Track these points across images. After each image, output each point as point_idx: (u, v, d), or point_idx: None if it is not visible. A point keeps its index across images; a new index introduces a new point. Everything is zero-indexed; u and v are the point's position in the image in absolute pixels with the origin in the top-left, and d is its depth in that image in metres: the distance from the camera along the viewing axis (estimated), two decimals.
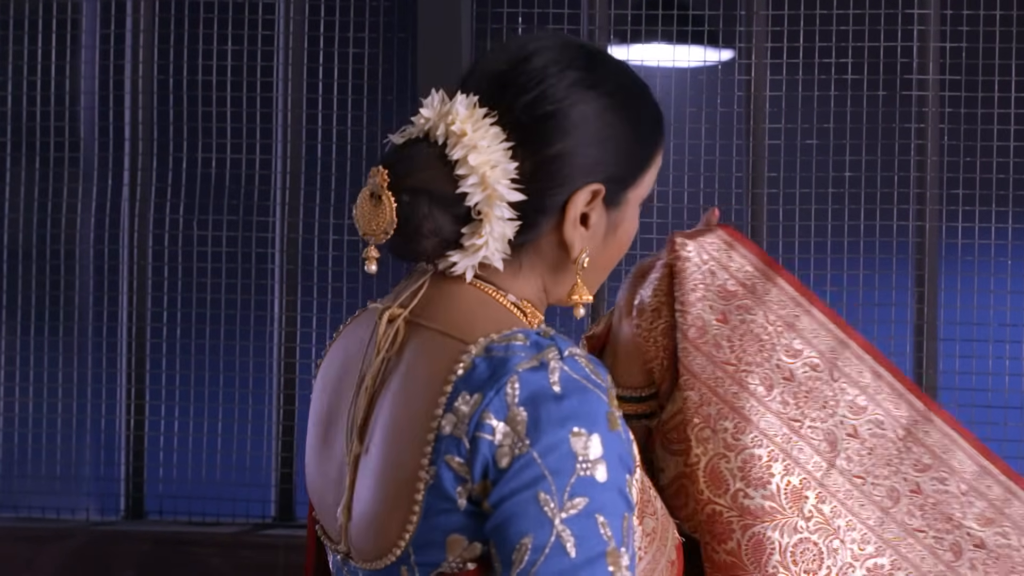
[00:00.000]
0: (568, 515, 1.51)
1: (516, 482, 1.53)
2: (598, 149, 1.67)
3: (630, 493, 1.56)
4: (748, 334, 1.75)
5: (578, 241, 1.67)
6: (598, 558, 1.51)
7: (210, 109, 3.16)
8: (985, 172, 3.01)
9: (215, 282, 3.15)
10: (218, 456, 3.15)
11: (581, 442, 1.52)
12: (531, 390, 1.54)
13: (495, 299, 1.67)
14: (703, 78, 3.10)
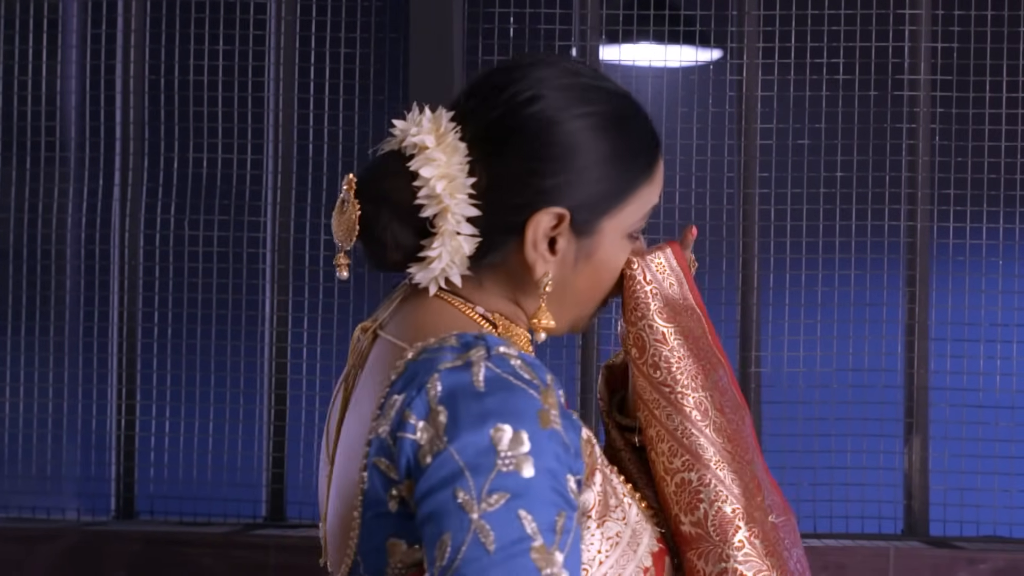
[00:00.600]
0: (486, 511, 1.50)
1: (435, 479, 1.53)
2: (564, 174, 1.66)
3: (573, 493, 1.55)
4: (685, 357, 1.73)
5: (540, 265, 1.67)
6: (520, 554, 1.49)
7: (201, 109, 3.16)
8: (976, 172, 3.02)
9: (206, 282, 3.16)
10: (209, 456, 3.15)
11: (503, 438, 1.52)
12: (451, 388, 1.54)
13: (460, 311, 1.69)
14: (694, 78, 3.12)
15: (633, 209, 1.70)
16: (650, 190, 1.71)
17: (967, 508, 2.99)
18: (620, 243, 1.71)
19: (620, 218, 1.69)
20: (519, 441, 1.52)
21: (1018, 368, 2.99)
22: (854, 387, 3.01)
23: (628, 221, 1.70)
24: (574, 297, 1.72)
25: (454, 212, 1.64)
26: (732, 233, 3.05)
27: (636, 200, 1.70)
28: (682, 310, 1.74)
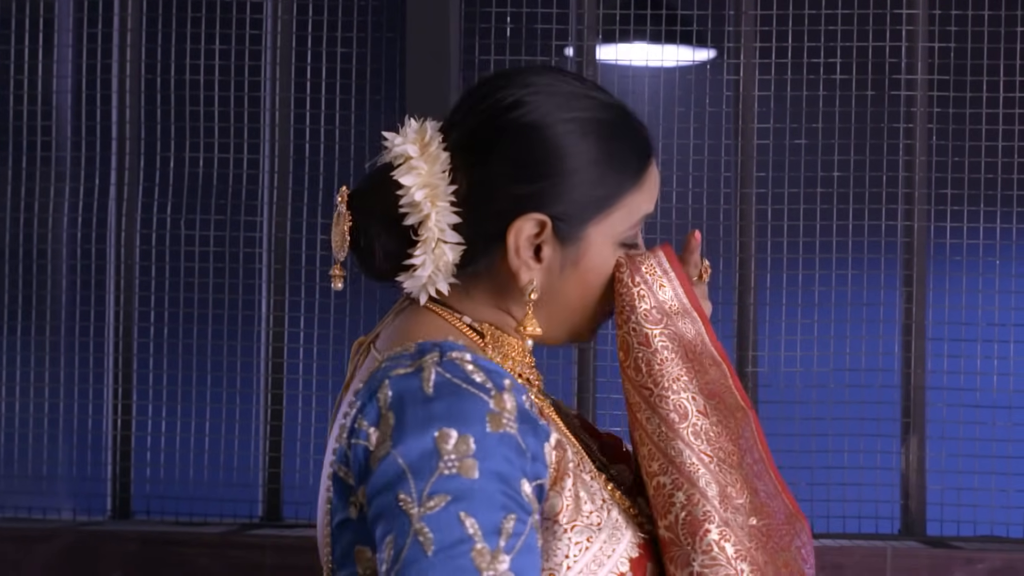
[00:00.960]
0: (426, 513, 1.52)
1: (380, 482, 1.55)
2: (546, 180, 1.67)
3: (528, 496, 1.56)
4: (668, 360, 1.72)
5: (524, 272, 1.68)
6: (459, 555, 1.50)
7: (197, 108, 3.16)
8: (973, 172, 3.02)
9: (202, 282, 3.15)
10: (205, 456, 3.15)
11: (448, 441, 1.53)
12: (400, 393, 1.56)
13: (447, 321, 1.71)
14: (691, 78, 3.11)
15: (621, 216, 1.70)
16: (639, 198, 1.72)
17: (964, 508, 2.99)
18: (611, 251, 1.71)
19: (607, 225, 1.70)
20: (464, 444, 1.54)
21: (1015, 368, 2.98)
22: (851, 387, 3.01)
23: (617, 229, 1.71)
24: (564, 305, 1.72)
25: (436, 220, 1.66)
26: (729, 233, 3.05)
27: (623, 207, 1.70)
28: (673, 313, 1.73)
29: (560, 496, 1.63)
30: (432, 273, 1.67)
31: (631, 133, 1.72)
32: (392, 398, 1.57)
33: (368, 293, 3.12)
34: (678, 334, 1.72)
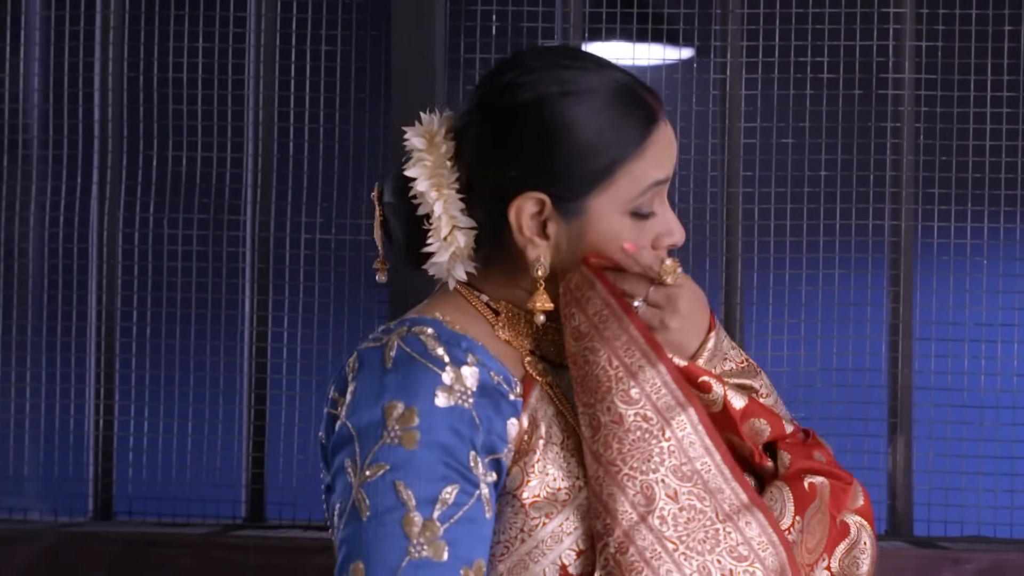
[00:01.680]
0: (365, 481, 1.61)
1: (335, 447, 1.66)
2: (539, 157, 1.72)
3: (476, 469, 1.63)
4: (589, 376, 1.73)
5: (531, 250, 1.74)
6: (390, 523, 1.59)
7: (180, 107, 3.14)
8: (960, 171, 3.02)
9: (185, 281, 3.14)
10: (188, 456, 3.14)
11: (394, 413, 1.62)
12: (363, 365, 1.67)
13: (466, 299, 1.78)
14: (678, 76, 3.11)
15: (625, 185, 1.72)
16: (643, 165, 1.73)
17: (951, 508, 2.99)
18: (620, 221, 1.73)
19: (610, 196, 1.72)
20: (409, 416, 1.62)
21: (1002, 368, 2.99)
22: (838, 387, 3.01)
23: (623, 198, 1.73)
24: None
25: (444, 208, 1.73)
26: (715, 232, 3.05)
27: (626, 176, 1.73)
28: (598, 322, 1.75)
29: (523, 471, 1.69)
30: (449, 259, 1.75)
31: (630, 101, 1.74)
32: (357, 369, 1.67)
33: (352, 293, 3.11)
34: (605, 341, 1.73)
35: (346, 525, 1.62)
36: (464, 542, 1.61)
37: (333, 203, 3.11)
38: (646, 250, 1.76)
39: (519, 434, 1.70)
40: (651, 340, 1.74)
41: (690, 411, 1.73)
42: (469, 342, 1.71)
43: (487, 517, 1.65)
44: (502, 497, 1.70)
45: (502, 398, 1.69)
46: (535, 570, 1.67)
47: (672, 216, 1.79)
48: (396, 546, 1.59)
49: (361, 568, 1.59)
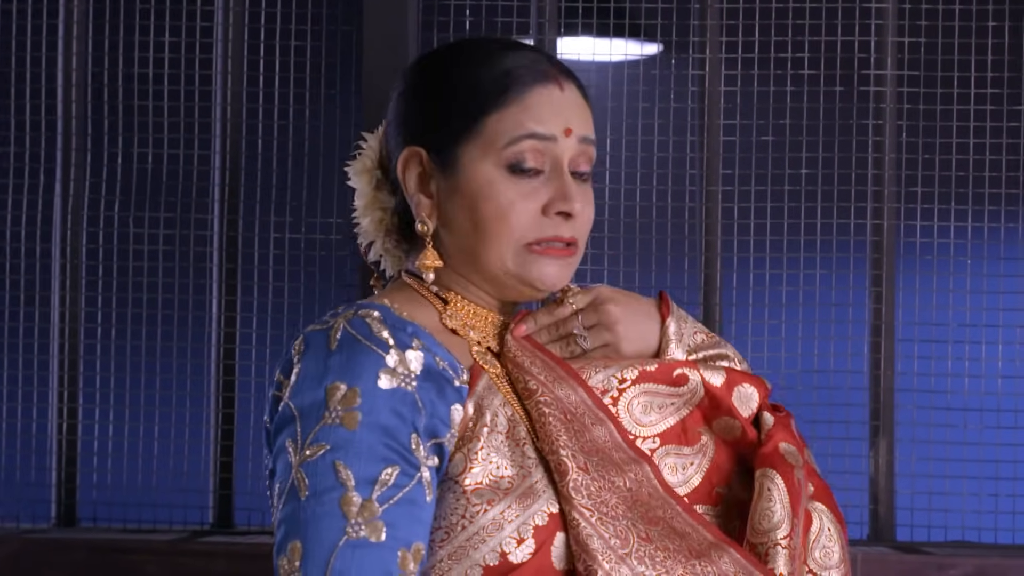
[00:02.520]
0: (304, 460, 1.66)
1: (277, 426, 1.71)
2: (414, 114, 1.86)
3: (417, 452, 1.68)
4: (546, 426, 1.79)
5: (418, 209, 1.85)
6: (328, 502, 1.63)
7: (146, 103, 3.11)
8: (944, 170, 3.00)
9: (151, 281, 3.11)
10: (154, 461, 3.10)
11: (336, 393, 1.67)
12: (309, 347, 1.71)
13: (415, 289, 1.87)
14: (655, 72, 3.09)
15: (493, 133, 1.82)
16: (514, 114, 1.82)
17: (935, 513, 2.97)
18: (495, 174, 1.82)
19: (480, 146, 1.82)
20: (351, 397, 1.67)
21: (987, 369, 2.98)
22: (819, 389, 3.00)
23: (493, 147, 1.82)
24: (460, 233, 1.84)
25: (360, 186, 1.93)
26: (694, 232, 3.03)
27: (494, 124, 1.82)
28: (550, 381, 1.82)
29: (466, 458, 1.73)
30: (373, 242, 1.93)
31: (510, 59, 1.85)
32: (303, 351, 1.71)
33: (322, 294, 3.09)
34: (556, 399, 1.80)
35: (285, 504, 1.65)
36: (403, 523, 1.65)
37: (303, 202, 3.08)
38: (528, 214, 1.82)
39: (463, 420, 1.75)
40: (598, 401, 1.81)
41: (644, 467, 1.80)
42: (415, 327, 1.75)
43: (427, 500, 1.69)
44: (444, 483, 1.73)
45: (447, 383, 1.74)
46: (475, 556, 1.71)
47: (569, 183, 1.84)
48: (334, 525, 1.62)
49: (299, 547, 1.63)
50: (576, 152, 1.86)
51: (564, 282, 1.88)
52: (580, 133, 1.86)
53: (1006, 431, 2.97)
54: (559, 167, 1.84)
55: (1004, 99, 2.98)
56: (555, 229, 1.84)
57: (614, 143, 3.04)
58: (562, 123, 1.83)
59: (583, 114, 1.88)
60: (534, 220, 1.83)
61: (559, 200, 1.83)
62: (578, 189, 1.85)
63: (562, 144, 1.84)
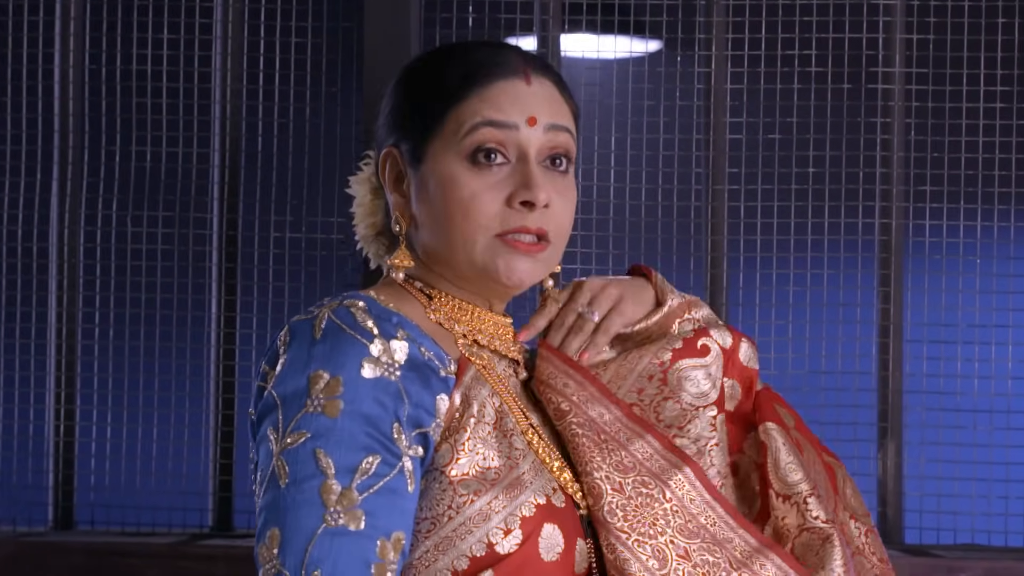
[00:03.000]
0: (285, 448, 1.67)
1: (259, 418, 1.72)
2: (390, 116, 1.90)
3: (399, 441, 1.69)
4: (580, 447, 1.83)
5: (392, 206, 1.88)
6: (308, 490, 1.65)
7: (144, 100, 3.09)
8: (953, 168, 2.99)
9: (150, 281, 3.10)
10: (152, 463, 3.09)
11: (319, 382, 1.68)
12: (294, 336, 1.72)
13: (401, 285, 1.87)
14: (661, 70, 3.06)
15: (453, 124, 1.83)
16: (473, 105, 1.83)
17: (944, 515, 2.96)
18: (458, 166, 1.83)
19: (443, 139, 1.83)
20: (334, 386, 1.67)
21: (996, 370, 2.97)
22: (826, 390, 2.98)
23: (454, 138, 1.83)
24: (429, 227, 1.84)
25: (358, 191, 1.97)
26: (700, 231, 3.02)
27: (455, 118, 1.83)
28: (582, 402, 1.85)
29: (452, 448, 1.74)
30: (371, 253, 1.98)
31: (468, 58, 1.87)
32: (288, 341, 1.72)
33: (323, 294, 2.96)
34: (589, 420, 1.84)
35: (265, 492, 1.67)
36: (383, 513, 1.66)
37: (303, 200, 3.08)
38: (492, 205, 1.82)
39: (449, 411, 1.76)
40: (633, 416, 1.84)
41: (686, 470, 1.82)
42: (400, 318, 1.76)
43: (409, 490, 1.70)
44: (430, 473, 1.74)
45: (432, 373, 1.75)
46: (462, 547, 1.72)
47: (534, 172, 1.83)
48: (313, 513, 1.64)
49: (277, 534, 1.64)
50: (545, 142, 1.84)
51: (534, 279, 1.86)
52: (548, 121, 1.84)
53: (1016, 432, 2.96)
54: (524, 157, 1.83)
55: (1014, 96, 2.97)
56: (520, 220, 1.82)
57: (619, 141, 3.03)
58: (525, 112, 1.83)
59: (554, 105, 1.87)
60: (499, 211, 1.82)
61: (521, 189, 1.81)
62: (547, 179, 1.83)
63: (525, 133, 1.83)
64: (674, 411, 1.89)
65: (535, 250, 1.83)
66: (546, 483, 1.78)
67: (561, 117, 1.86)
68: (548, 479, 1.79)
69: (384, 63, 2.93)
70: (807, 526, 1.84)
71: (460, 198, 1.81)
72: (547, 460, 1.81)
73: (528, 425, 1.82)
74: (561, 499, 1.78)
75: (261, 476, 1.69)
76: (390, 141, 1.88)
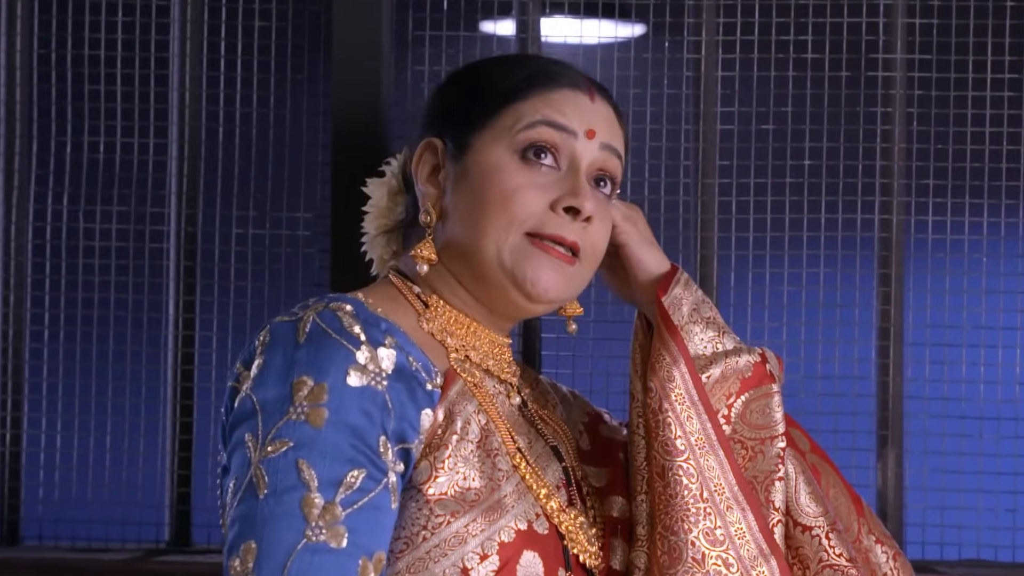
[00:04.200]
0: (265, 456, 1.64)
1: (236, 419, 1.70)
2: (425, 119, 1.95)
3: (384, 455, 1.67)
4: (675, 497, 1.85)
5: (423, 198, 1.90)
6: (288, 502, 1.62)
7: (97, 87, 3.03)
8: (957, 160, 2.94)
9: (103, 281, 3.04)
10: (106, 474, 3.04)
11: (302, 388, 1.66)
12: (275, 338, 1.71)
13: (397, 288, 1.91)
14: (648, 56, 3.00)
15: (510, 119, 1.86)
16: (533, 104, 1.87)
17: (948, 529, 2.91)
18: (505, 157, 1.85)
19: (494, 131, 1.86)
20: (318, 393, 1.66)
21: (1003, 375, 2.92)
22: (823, 396, 2.93)
23: (507, 131, 1.85)
24: (460, 224, 1.86)
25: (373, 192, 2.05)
26: (688, 227, 2.96)
27: (511, 113, 1.86)
28: (699, 446, 1.86)
29: (432, 466, 1.73)
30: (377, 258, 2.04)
31: (535, 64, 1.94)
32: (268, 343, 1.71)
33: (289, 294, 3.02)
34: (699, 470, 1.84)
35: (241, 502, 1.64)
36: (366, 530, 1.64)
37: (267, 194, 3.02)
38: (534, 203, 1.83)
39: (432, 426, 1.75)
40: (742, 481, 1.84)
41: (772, 563, 1.83)
42: (389, 324, 1.75)
43: (392, 507, 1.69)
44: (407, 491, 1.73)
45: (419, 386, 1.74)
46: (435, 570, 1.70)
47: (584, 183, 1.86)
48: (293, 527, 1.61)
49: (254, 548, 1.61)
50: (597, 158, 1.88)
51: (561, 294, 1.86)
52: (605, 139, 1.88)
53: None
54: (576, 166, 1.86)
55: (1022, 84, 2.92)
56: (559, 228, 1.83)
57: None
58: (585, 124, 1.87)
59: (612, 128, 1.92)
60: (540, 212, 1.83)
61: (568, 196, 1.83)
62: (593, 195, 1.86)
63: (582, 144, 1.86)
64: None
65: (567, 261, 1.85)
66: (529, 508, 1.78)
67: (617, 141, 1.91)
68: (532, 504, 1.78)
69: (354, 48, 2.87)
70: (830, 563, 1.86)
71: (503, 189, 1.83)
72: (533, 485, 1.80)
73: (515, 448, 1.81)
74: (544, 526, 1.77)
75: (236, 485, 1.66)
76: (431, 133, 1.91)
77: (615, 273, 2.11)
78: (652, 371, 1.91)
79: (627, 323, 2.16)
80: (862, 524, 1.98)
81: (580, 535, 1.86)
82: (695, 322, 2.00)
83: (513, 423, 1.87)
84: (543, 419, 2.00)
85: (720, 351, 1.99)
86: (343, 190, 2.69)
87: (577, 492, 1.93)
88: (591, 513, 1.94)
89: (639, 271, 2.05)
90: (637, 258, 2.04)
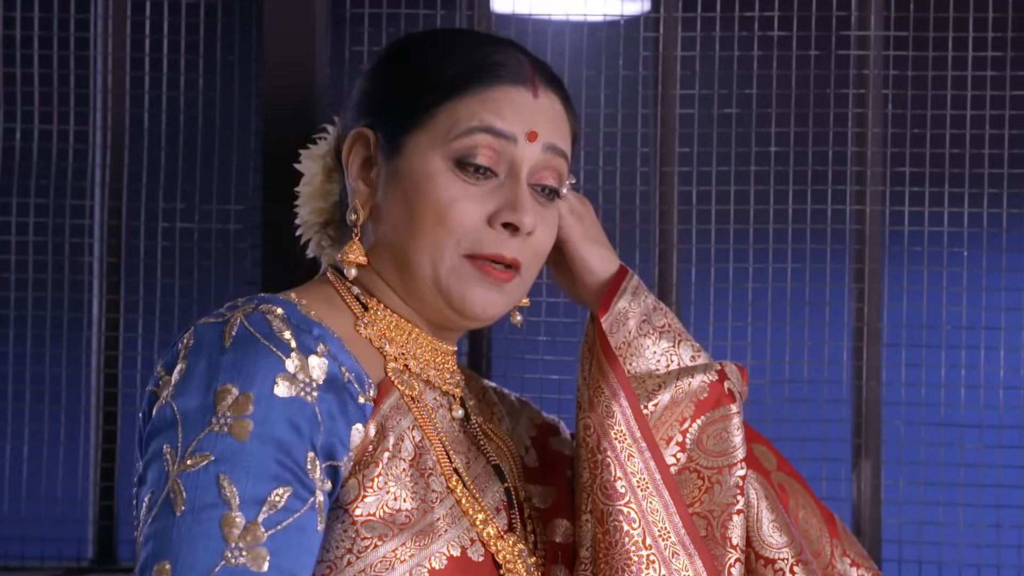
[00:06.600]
0: (183, 471, 1.60)
1: (154, 429, 1.64)
2: (359, 100, 1.91)
3: (311, 472, 1.63)
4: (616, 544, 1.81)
5: (352, 194, 1.87)
6: (207, 520, 1.57)
7: (12, 70, 2.96)
8: (936, 146, 2.88)
9: (20, 279, 2.99)
10: (23, 486, 2.99)
11: (226, 397, 1.62)
12: (199, 342, 1.66)
13: (334, 288, 1.87)
14: (602, 34, 2.95)
15: (444, 121, 1.81)
16: (470, 106, 1.82)
17: (927, 545, 2.86)
18: (439, 165, 1.81)
19: (428, 133, 1.82)
20: (243, 403, 1.62)
21: (986, 379, 2.87)
22: (791, 402, 2.88)
23: (442, 135, 1.81)
24: (392, 231, 1.82)
25: (306, 168, 2.02)
26: (647, 219, 2.92)
27: (447, 114, 1.82)
28: (640, 488, 1.82)
29: (360, 484, 1.69)
30: (314, 247, 2.01)
31: (473, 53, 1.86)
32: (191, 346, 1.67)
33: (219, 292, 2.98)
34: (641, 514, 1.81)
35: (156, 519, 1.60)
36: (289, 553, 1.60)
37: (197, 185, 2.97)
38: (471, 218, 1.80)
39: (363, 442, 1.71)
40: (690, 526, 1.81)
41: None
42: (322, 330, 1.72)
43: (318, 530, 1.66)
44: (333, 511, 1.70)
45: (350, 399, 1.71)
46: None
47: (524, 193, 1.82)
48: (211, 547, 1.57)
49: (167, 569, 1.57)
50: (539, 162, 1.84)
51: (500, 310, 1.85)
52: (547, 140, 1.84)
53: (1009, 450, 2.86)
54: (516, 174, 1.83)
55: (1007, 63, 2.86)
56: (497, 246, 1.81)
57: None
58: (526, 124, 1.83)
59: (557, 124, 1.88)
60: (477, 228, 1.80)
61: (507, 209, 1.80)
62: (534, 205, 1.83)
63: (522, 148, 1.82)
64: None
65: (504, 279, 1.83)
66: (464, 533, 1.75)
67: (561, 140, 1.88)
68: (467, 528, 1.76)
69: (286, 25, 2.82)
70: None
71: (437, 201, 1.80)
72: (470, 510, 1.77)
73: (452, 469, 1.79)
74: (480, 553, 1.75)
75: (151, 500, 1.62)
76: (363, 122, 1.87)
77: (561, 270, 2.06)
78: (591, 406, 1.86)
79: (582, 322, 2.11)
80: (835, 546, 1.96)
81: (518, 564, 1.82)
82: (645, 335, 1.96)
83: (452, 440, 1.83)
84: (487, 434, 1.96)
85: (673, 370, 1.95)
86: (275, 179, 2.64)
87: (519, 515, 1.89)
88: (531, 538, 1.90)
89: (583, 272, 2.01)
90: (581, 257, 2.00)
